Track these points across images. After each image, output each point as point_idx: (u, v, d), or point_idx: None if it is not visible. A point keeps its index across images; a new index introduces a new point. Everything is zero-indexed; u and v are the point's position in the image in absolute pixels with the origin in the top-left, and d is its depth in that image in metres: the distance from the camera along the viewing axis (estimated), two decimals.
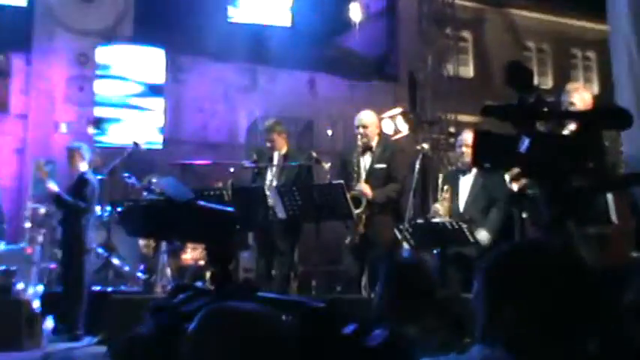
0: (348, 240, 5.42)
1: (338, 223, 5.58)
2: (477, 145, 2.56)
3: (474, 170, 5.41)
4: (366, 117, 5.68)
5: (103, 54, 8.77)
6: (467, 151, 5.43)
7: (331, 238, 5.89)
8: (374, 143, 5.70)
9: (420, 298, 2.13)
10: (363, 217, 5.40)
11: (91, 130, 8.39)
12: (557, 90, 5.25)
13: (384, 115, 8.27)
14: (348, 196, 5.19)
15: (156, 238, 5.90)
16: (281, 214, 5.27)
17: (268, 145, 5.77)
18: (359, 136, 5.60)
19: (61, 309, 5.44)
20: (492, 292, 1.07)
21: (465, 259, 5.10)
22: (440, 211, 5.28)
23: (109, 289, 5.70)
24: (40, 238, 6.31)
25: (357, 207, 5.37)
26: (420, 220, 5.13)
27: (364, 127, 5.65)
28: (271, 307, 1.16)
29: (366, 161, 5.57)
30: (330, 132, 8.30)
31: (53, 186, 5.51)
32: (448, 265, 4.94)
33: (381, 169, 5.55)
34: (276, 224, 5.39)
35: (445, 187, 5.27)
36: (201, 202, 2.01)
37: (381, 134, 5.75)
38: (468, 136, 5.52)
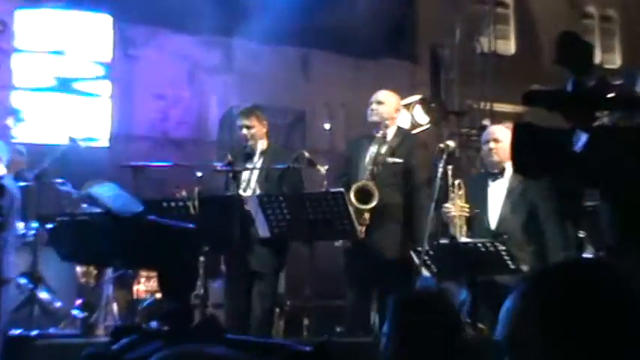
0: (340, 242, 5.56)
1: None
2: (516, 143, 2.56)
3: (508, 173, 5.47)
4: (385, 94, 5.82)
5: (25, 20, 8.16)
6: (497, 148, 5.43)
7: (328, 263, 5.95)
8: (390, 132, 5.77)
9: (438, 343, 2.14)
10: (367, 216, 5.48)
11: (9, 122, 8.09)
12: (627, 70, 5.30)
13: None
14: (351, 209, 5.31)
15: (97, 264, 5.88)
16: (263, 231, 5.43)
17: (245, 133, 5.81)
18: (370, 112, 5.69)
19: None
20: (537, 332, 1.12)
21: (501, 290, 5.16)
22: (452, 212, 5.30)
23: (34, 332, 5.61)
24: None
25: (365, 202, 5.45)
26: (443, 240, 5.19)
27: (379, 103, 5.75)
28: (244, 351, 1.18)
29: (377, 152, 5.63)
30: (327, 126, 8.35)
31: None
32: (479, 299, 5.05)
33: (396, 164, 5.65)
34: (256, 245, 5.48)
35: (457, 182, 5.34)
36: (154, 217, 1.98)
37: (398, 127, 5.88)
38: (497, 129, 5.59)
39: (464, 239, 5.23)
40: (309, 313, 5.40)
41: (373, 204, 5.50)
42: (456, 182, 5.33)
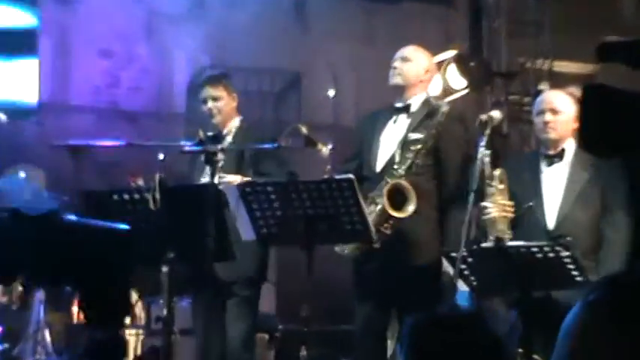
0: (346, 249, 5.61)
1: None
2: (586, 111, 2.57)
3: (569, 154, 5.51)
4: (413, 50, 5.87)
5: None
6: (555, 121, 5.44)
7: (332, 275, 5.97)
8: (416, 101, 5.79)
9: None
10: (391, 224, 5.53)
11: None
12: None
13: None
14: (362, 202, 5.29)
15: (16, 281, 5.88)
16: (246, 232, 5.41)
17: (210, 107, 5.98)
18: (392, 73, 5.78)
19: None
20: None
21: (562, 311, 5.15)
22: (492, 212, 5.34)
23: None
24: None
25: (396, 208, 5.50)
26: (486, 244, 5.25)
27: (405, 60, 5.81)
28: None
29: (397, 127, 5.72)
30: (331, 92, 8.34)
31: None
32: (534, 322, 5.09)
33: (419, 141, 5.67)
34: (235, 251, 5.48)
35: (497, 173, 5.36)
36: (72, 217, 1.96)
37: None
38: (555, 97, 5.58)
39: (513, 242, 5.27)
40: (307, 341, 5.38)
41: (408, 212, 5.55)
42: (496, 172, 5.36)
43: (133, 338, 6.59)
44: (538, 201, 5.48)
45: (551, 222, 5.47)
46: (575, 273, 5.04)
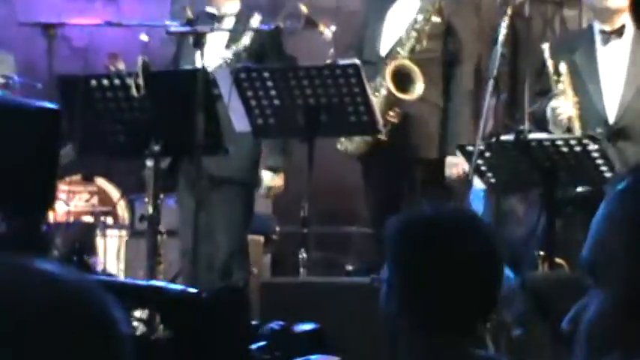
0: (349, 146, 5.53)
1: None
2: None
3: (630, 33, 5.23)
4: None
5: None
6: None
7: (336, 171, 5.91)
8: None
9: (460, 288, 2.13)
10: (397, 111, 5.43)
11: None
12: None
13: None
14: (369, 90, 5.17)
15: None
16: (240, 122, 5.28)
17: None
18: None
19: None
20: None
21: (590, 210, 5.03)
22: (563, 112, 5.17)
23: None
24: None
25: (404, 90, 5.42)
26: (506, 137, 5.08)
27: None
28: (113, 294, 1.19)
29: (406, 8, 5.58)
30: None
31: None
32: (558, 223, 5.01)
33: (421, 21, 5.50)
34: (227, 144, 5.36)
35: (561, 67, 5.17)
36: None
37: None
38: None
39: (536, 135, 5.13)
40: (306, 243, 5.27)
41: (417, 93, 5.40)
42: (562, 67, 5.12)
43: (115, 240, 6.44)
44: (595, 88, 5.26)
45: (611, 113, 5.22)
46: (603, 168, 4.91)
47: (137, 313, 4.77)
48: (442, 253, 2.14)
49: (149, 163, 5.17)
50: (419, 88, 5.41)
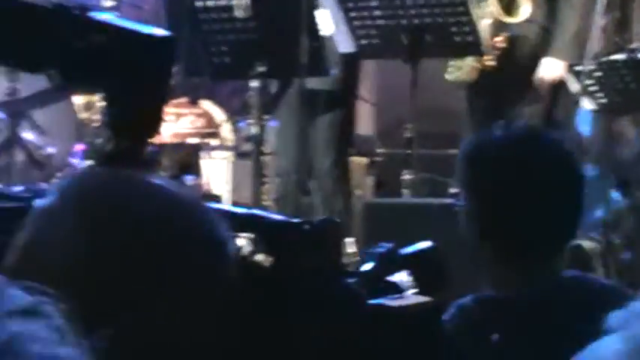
0: (457, 73, 5.45)
1: None
2: None
3: None
4: None
5: None
6: None
7: (440, 92, 5.83)
8: None
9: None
10: (503, 37, 5.31)
11: None
12: None
13: None
14: (472, 9, 5.10)
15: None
16: (344, 43, 5.30)
17: None
18: None
19: None
20: None
21: None
22: None
23: (15, 187, 5.72)
24: None
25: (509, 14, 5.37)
26: (617, 56, 5.03)
27: None
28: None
29: None
30: None
31: None
32: None
33: None
34: (329, 65, 5.28)
35: None
36: (103, 15, 1.72)
37: None
38: None
39: None
40: (410, 164, 5.23)
41: (525, 13, 5.32)
42: None
43: (220, 161, 6.48)
44: None
45: None
46: None
47: (240, 237, 4.78)
48: (515, 176, 2.05)
49: (253, 83, 5.15)
50: (525, 9, 5.32)
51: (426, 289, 1.48)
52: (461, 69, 5.43)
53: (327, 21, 5.28)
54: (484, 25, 5.26)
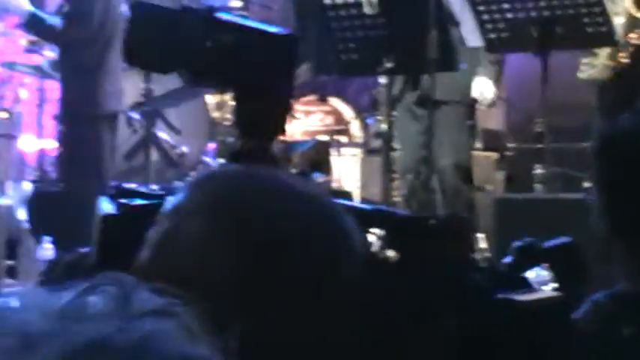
0: (588, 72, 5.24)
1: None
2: None
3: None
4: None
5: None
6: None
7: (570, 86, 5.69)
8: None
9: None
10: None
11: None
12: None
13: None
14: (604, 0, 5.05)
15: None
16: (471, 37, 5.21)
17: None
18: None
19: None
20: None
21: None
22: None
23: (151, 185, 5.79)
24: None
25: None
26: None
27: None
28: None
29: None
30: None
31: None
32: None
33: None
34: (457, 61, 5.24)
35: None
36: (229, 16, 1.74)
37: None
38: None
39: None
40: (542, 159, 5.16)
41: None
42: None
43: (349, 158, 6.51)
44: None
45: None
46: None
47: (370, 233, 4.77)
48: None
49: (382, 80, 5.14)
50: None
51: (566, 283, 1.46)
52: (594, 67, 5.30)
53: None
54: (617, 22, 5.12)
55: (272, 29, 1.84)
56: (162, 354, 0.71)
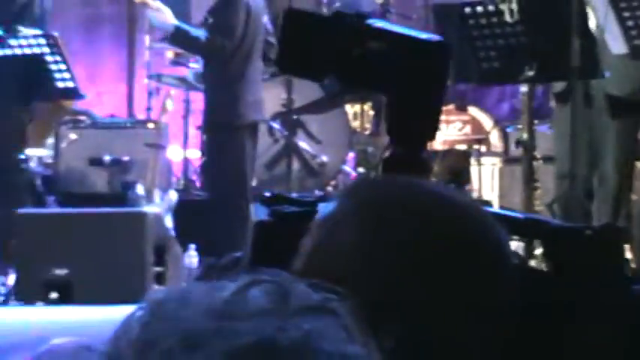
0: None
1: None
2: None
3: None
4: None
5: None
6: None
7: None
8: None
9: None
10: None
11: None
12: None
13: None
14: None
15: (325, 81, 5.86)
16: (616, 45, 5.10)
17: None
18: None
19: None
20: None
21: None
22: None
23: (292, 194, 5.84)
24: None
25: None
26: None
27: None
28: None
29: None
30: None
31: None
32: None
33: None
34: (602, 68, 5.09)
35: None
36: (378, 22, 1.74)
37: None
38: None
39: None
40: None
41: None
42: None
43: (489, 167, 6.47)
44: None
45: None
46: None
47: (515, 241, 4.70)
48: None
49: (523, 88, 5.10)
50: None
51: None
52: None
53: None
54: None
55: (425, 36, 1.83)
56: (323, 353, 0.70)
